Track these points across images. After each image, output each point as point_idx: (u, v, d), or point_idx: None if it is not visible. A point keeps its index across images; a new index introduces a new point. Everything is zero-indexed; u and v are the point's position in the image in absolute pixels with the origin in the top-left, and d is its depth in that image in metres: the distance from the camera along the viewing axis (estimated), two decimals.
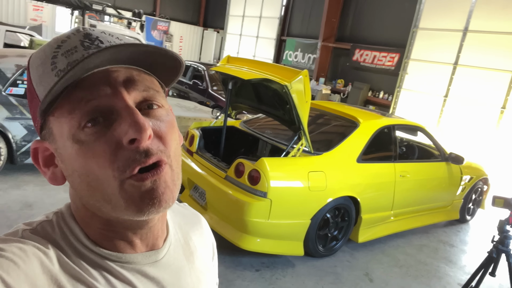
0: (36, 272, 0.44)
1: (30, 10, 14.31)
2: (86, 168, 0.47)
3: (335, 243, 3.61)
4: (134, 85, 0.49)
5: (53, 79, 0.46)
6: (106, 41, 0.49)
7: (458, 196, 4.85)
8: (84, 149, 0.47)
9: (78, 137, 0.47)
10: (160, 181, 0.48)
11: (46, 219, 0.54)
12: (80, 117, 0.46)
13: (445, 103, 9.11)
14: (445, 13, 9.09)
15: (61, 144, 0.49)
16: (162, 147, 0.49)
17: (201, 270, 0.66)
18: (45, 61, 0.48)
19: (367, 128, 3.70)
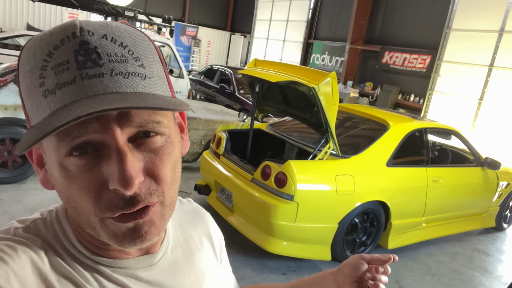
0: (26, 270, 0.44)
1: (66, 18, 14.93)
2: (71, 195, 0.45)
3: (363, 249, 3.53)
4: (129, 121, 0.43)
5: (40, 100, 0.42)
6: (106, 55, 0.42)
7: (494, 203, 4.64)
8: (69, 178, 0.44)
9: (65, 165, 0.44)
10: (144, 221, 0.46)
11: (40, 217, 0.52)
12: (66, 148, 0.42)
13: (480, 107, 8.76)
14: (480, 13, 8.76)
15: (50, 164, 0.46)
16: (154, 186, 0.46)
17: (202, 270, 0.64)
18: (33, 70, 0.42)
19: (398, 131, 3.60)
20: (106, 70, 0.42)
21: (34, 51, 0.43)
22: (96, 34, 0.43)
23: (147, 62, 0.46)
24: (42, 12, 14.47)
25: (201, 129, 5.02)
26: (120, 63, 0.43)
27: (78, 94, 0.40)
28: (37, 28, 13.76)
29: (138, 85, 0.43)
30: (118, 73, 0.42)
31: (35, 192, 3.93)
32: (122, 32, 0.45)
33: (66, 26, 0.43)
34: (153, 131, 0.45)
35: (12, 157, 3.98)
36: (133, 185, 0.42)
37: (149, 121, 0.45)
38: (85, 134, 0.42)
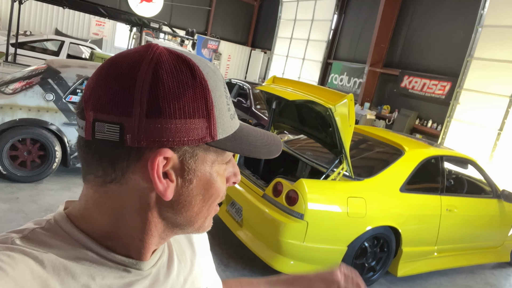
0: (26, 278, 0.44)
1: (93, 25, 15.43)
2: (215, 190, 0.56)
3: (372, 274, 3.46)
4: None
5: (228, 121, 0.54)
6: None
7: (510, 237, 4.51)
8: (217, 179, 0.56)
9: (218, 168, 0.56)
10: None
11: (37, 226, 0.53)
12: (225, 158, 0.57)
13: (500, 137, 8.59)
14: (502, 43, 8.67)
15: (202, 171, 0.54)
16: None
17: (193, 269, 0.67)
18: (222, 95, 0.53)
19: (413, 157, 3.57)
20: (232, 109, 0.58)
21: (216, 80, 0.53)
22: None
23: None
24: (71, 19, 14.98)
25: None
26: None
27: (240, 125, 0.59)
28: (65, 33, 14.24)
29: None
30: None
31: (50, 192, 4.01)
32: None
33: (209, 63, 0.55)
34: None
35: (31, 157, 4.09)
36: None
37: None
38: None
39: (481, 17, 9.17)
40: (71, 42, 9.38)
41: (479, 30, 9.20)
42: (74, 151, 4.26)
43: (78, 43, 9.94)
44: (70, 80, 4.20)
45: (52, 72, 4.18)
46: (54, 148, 4.13)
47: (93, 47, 10.19)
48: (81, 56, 9.92)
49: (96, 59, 8.74)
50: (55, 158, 4.17)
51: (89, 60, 9.05)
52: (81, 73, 4.29)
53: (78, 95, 4.26)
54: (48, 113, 4.07)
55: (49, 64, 4.40)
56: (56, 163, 4.20)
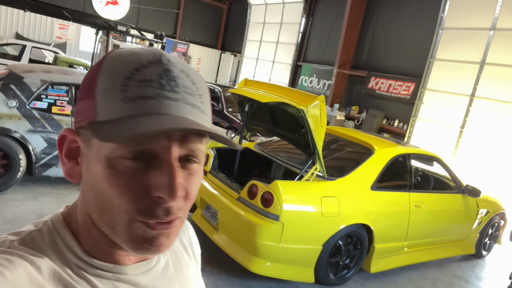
0: (24, 282, 0.44)
1: (56, 28, 14.89)
2: (108, 192, 0.48)
3: (346, 272, 3.53)
4: (186, 144, 0.49)
5: (117, 102, 0.47)
6: (182, 86, 0.49)
7: (474, 230, 4.73)
8: (114, 177, 0.47)
9: (115, 164, 0.47)
10: (164, 233, 0.50)
11: (35, 229, 0.53)
12: (126, 152, 0.47)
13: (462, 135, 9.01)
14: (462, 45, 9.13)
15: (94, 157, 0.49)
16: (183, 205, 0.50)
17: (189, 277, 0.67)
18: (117, 76, 0.48)
19: (382, 155, 3.68)
20: (180, 97, 0.49)
21: (121, 62, 0.49)
22: (177, 67, 0.51)
23: (205, 101, 0.53)
24: (32, 22, 14.41)
25: None
26: (190, 95, 0.50)
27: (156, 109, 0.47)
28: (26, 37, 13.67)
29: (199, 117, 0.50)
30: (188, 102, 0.49)
31: (15, 203, 3.83)
32: (193, 72, 0.53)
33: (154, 52, 0.51)
34: (196, 158, 0.52)
35: None
36: (177, 196, 0.48)
37: (197, 149, 0.51)
38: (149, 143, 0.47)
39: (442, 20, 9.60)
40: (33, 46, 9.04)
41: (440, 32, 9.63)
42: (40, 159, 4.09)
43: (41, 47, 9.59)
44: (34, 85, 4.04)
45: (15, 77, 4.01)
46: (18, 157, 3.95)
47: (57, 51, 9.85)
48: (44, 60, 9.56)
49: (60, 64, 8.45)
50: (20, 167, 3.99)
51: (52, 64, 8.74)
52: (46, 78, 4.14)
53: (43, 101, 4.10)
54: (11, 120, 3.89)
55: (11, 69, 4.22)
56: (21, 172, 4.02)
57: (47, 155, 4.12)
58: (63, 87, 4.25)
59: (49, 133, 4.09)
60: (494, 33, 8.50)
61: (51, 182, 4.45)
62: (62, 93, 4.25)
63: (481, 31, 8.74)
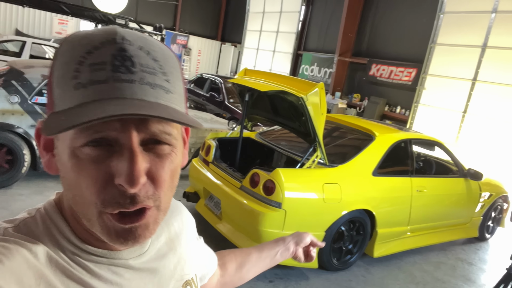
0: (22, 268, 0.44)
1: (55, 24, 14.86)
2: (76, 183, 0.47)
3: (349, 257, 3.57)
4: (145, 127, 0.47)
5: (70, 91, 0.45)
6: (139, 65, 0.46)
7: (477, 213, 4.75)
8: (79, 166, 0.46)
9: (77, 153, 0.46)
10: (139, 225, 0.48)
11: (28, 216, 0.53)
12: (85, 139, 0.45)
13: (464, 119, 8.98)
14: (463, 29, 9.04)
15: (61, 149, 0.48)
16: (152, 191, 0.48)
17: (182, 255, 0.68)
18: (69, 63, 0.46)
19: (383, 141, 3.69)
20: (137, 78, 0.45)
21: (73, 46, 0.47)
22: (134, 44, 0.47)
23: (172, 79, 0.49)
24: (32, 18, 14.38)
25: (191, 137, 5.02)
26: (150, 74, 0.47)
27: (108, 94, 0.44)
28: (25, 33, 13.66)
29: (161, 97, 0.47)
30: (146, 82, 0.46)
31: (21, 197, 3.89)
32: (156, 48, 0.49)
33: (108, 30, 0.47)
34: (164, 141, 0.49)
35: None
36: (137, 184, 0.45)
37: (162, 132, 0.48)
38: (106, 130, 0.45)
39: (442, 4, 9.50)
40: (33, 42, 9.02)
41: (441, 16, 9.54)
42: None
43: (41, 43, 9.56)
44: (35, 80, 4.06)
45: (16, 73, 4.03)
46: (22, 152, 4.00)
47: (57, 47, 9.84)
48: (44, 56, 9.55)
49: None
50: (24, 162, 4.04)
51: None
52: (46, 73, 4.15)
53: (44, 96, 4.12)
54: (13, 116, 3.93)
55: (11, 65, 4.23)
56: (26, 167, 4.06)
57: None
58: None
59: None
60: (496, 15, 8.41)
61: (55, 176, 4.48)
62: None
63: (482, 14, 8.64)
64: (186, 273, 0.68)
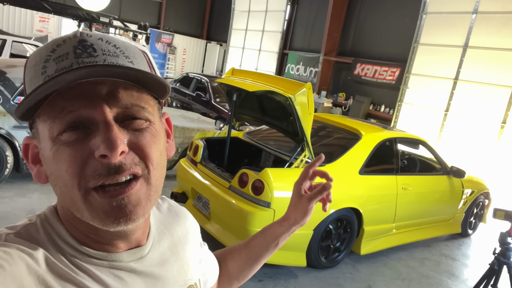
0: (23, 273, 0.45)
1: (36, 22, 14.54)
2: (59, 172, 0.48)
3: (337, 255, 3.62)
4: (116, 101, 0.48)
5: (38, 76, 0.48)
6: (100, 50, 0.49)
7: (459, 210, 4.87)
8: (59, 152, 0.47)
9: (56, 141, 0.48)
10: (129, 199, 0.48)
11: (29, 222, 0.54)
12: (60, 124, 0.47)
13: (446, 118, 9.18)
14: (445, 29, 9.23)
15: (43, 146, 0.50)
16: (138, 159, 0.49)
17: (186, 260, 0.69)
18: (38, 63, 0.49)
19: (370, 140, 3.75)
20: (99, 60, 0.48)
21: (40, 51, 0.50)
22: (94, 36, 0.51)
23: (136, 62, 0.52)
24: (12, 16, 14.04)
25: (178, 137, 5.02)
26: (113, 57, 0.49)
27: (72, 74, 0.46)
28: (5, 31, 13.31)
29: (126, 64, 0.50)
30: (109, 63, 0.48)
31: (4, 200, 3.80)
32: (116, 39, 0.53)
33: (71, 32, 0.51)
34: (137, 115, 0.50)
35: None
36: (117, 148, 0.45)
37: (134, 105, 0.50)
38: (77, 109, 0.47)
39: (425, 5, 9.68)
40: (13, 40, 8.80)
41: (424, 17, 9.71)
42: None
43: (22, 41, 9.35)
44: (18, 80, 3.98)
45: None
46: (5, 153, 3.91)
47: (39, 45, 9.64)
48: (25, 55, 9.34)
49: None
50: (7, 164, 3.95)
51: None
52: None
53: None
54: None
55: None
56: (8, 169, 3.98)
57: None
58: None
59: None
60: (476, 16, 8.61)
61: None
62: None
63: (463, 14, 8.84)
64: (189, 278, 0.68)
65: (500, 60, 8.14)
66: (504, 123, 8.08)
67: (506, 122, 8.07)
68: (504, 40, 8.08)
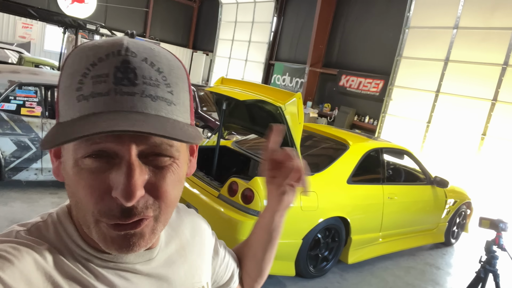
0: (31, 269, 0.46)
1: (19, 27, 14.30)
2: (77, 191, 0.48)
3: (325, 264, 3.63)
4: (145, 139, 0.47)
5: (73, 102, 0.46)
6: (141, 77, 0.46)
7: (443, 219, 4.96)
8: (79, 176, 0.47)
9: (79, 164, 0.47)
10: (135, 233, 0.49)
11: (40, 220, 0.55)
12: (85, 150, 0.46)
13: (428, 129, 9.40)
14: (427, 43, 9.51)
15: (66, 159, 0.49)
16: (152, 201, 0.49)
17: (194, 263, 0.69)
18: (75, 74, 0.46)
19: (357, 150, 3.80)
20: (138, 91, 0.46)
21: (80, 58, 0.47)
22: (138, 56, 0.47)
23: (176, 90, 0.50)
24: None
25: None
26: (152, 86, 0.47)
27: (107, 107, 0.45)
28: None
29: (162, 110, 0.47)
30: (148, 95, 0.46)
31: None
32: (162, 58, 0.49)
33: (114, 42, 0.48)
34: (165, 153, 0.49)
35: None
36: (133, 198, 0.45)
37: (163, 143, 0.48)
38: (104, 142, 0.46)
39: (408, 19, 9.96)
40: None
41: (406, 31, 9.98)
42: (10, 162, 3.95)
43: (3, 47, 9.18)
44: (1, 86, 3.89)
45: None
46: None
47: (21, 51, 9.47)
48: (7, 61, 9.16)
49: (26, 64, 8.13)
50: None
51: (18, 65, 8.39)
52: (14, 79, 3.99)
53: (11, 103, 3.95)
54: None
55: None
56: None
57: (16, 159, 3.97)
58: (32, 88, 4.11)
59: (19, 136, 3.95)
60: (457, 31, 8.91)
61: (21, 186, 4.30)
62: (31, 94, 4.11)
63: (445, 29, 9.13)
64: (197, 281, 0.69)
65: (480, 74, 8.41)
66: (484, 135, 8.32)
67: (486, 134, 8.31)
68: (484, 54, 8.37)
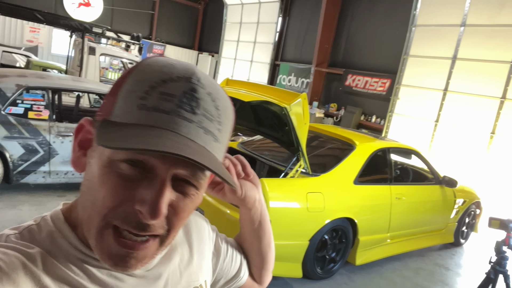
0: (19, 274, 0.46)
1: (26, 32, 14.46)
2: (98, 189, 0.48)
3: (333, 265, 3.60)
4: (184, 165, 0.48)
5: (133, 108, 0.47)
6: (202, 109, 0.48)
7: (452, 219, 4.90)
8: (108, 176, 0.47)
9: (112, 165, 0.47)
10: (137, 254, 0.49)
11: (33, 223, 0.54)
12: (125, 155, 0.47)
13: (436, 128, 9.30)
14: (434, 41, 9.42)
15: (98, 154, 0.49)
16: (165, 225, 0.50)
17: (191, 261, 0.69)
18: (143, 83, 0.48)
19: (364, 150, 3.77)
20: (196, 120, 0.48)
21: (153, 70, 0.49)
22: (206, 88, 0.50)
23: (224, 129, 0.52)
24: (1, 26, 13.94)
25: None
26: (207, 120, 0.49)
27: (166, 124, 0.46)
28: None
29: (208, 144, 0.49)
30: (202, 126, 0.48)
31: None
32: (221, 97, 0.53)
33: (187, 68, 0.51)
34: (194, 183, 0.51)
35: None
36: (158, 217, 0.47)
37: (198, 174, 0.51)
38: (149, 156, 0.47)
39: (414, 17, 9.87)
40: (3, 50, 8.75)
41: (413, 29, 9.90)
42: (17, 166, 3.98)
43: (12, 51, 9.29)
44: (9, 90, 3.92)
45: None
46: None
47: (29, 55, 9.58)
48: (15, 65, 9.28)
49: (33, 68, 8.22)
50: None
51: (25, 68, 8.48)
52: (21, 83, 4.02)
53: (18, 106, 3.99)
54: None
55: None
56: None
57: (24, 162, 4.01)
58: (39, 91, 4.15)
59: (26, 139, 3.98)
60: (464, 29, 8.81)
61: (29, 190, 4.33)
62: (39, 98, 4.15)
63: (452, 27, 9.03)
64: (193, 280, 0.68)
65: (488, 72, 8.30)
66: (493, 133, 8.21)
67: (495, 132, 8.20)
68: (492, 52, 8.26)
